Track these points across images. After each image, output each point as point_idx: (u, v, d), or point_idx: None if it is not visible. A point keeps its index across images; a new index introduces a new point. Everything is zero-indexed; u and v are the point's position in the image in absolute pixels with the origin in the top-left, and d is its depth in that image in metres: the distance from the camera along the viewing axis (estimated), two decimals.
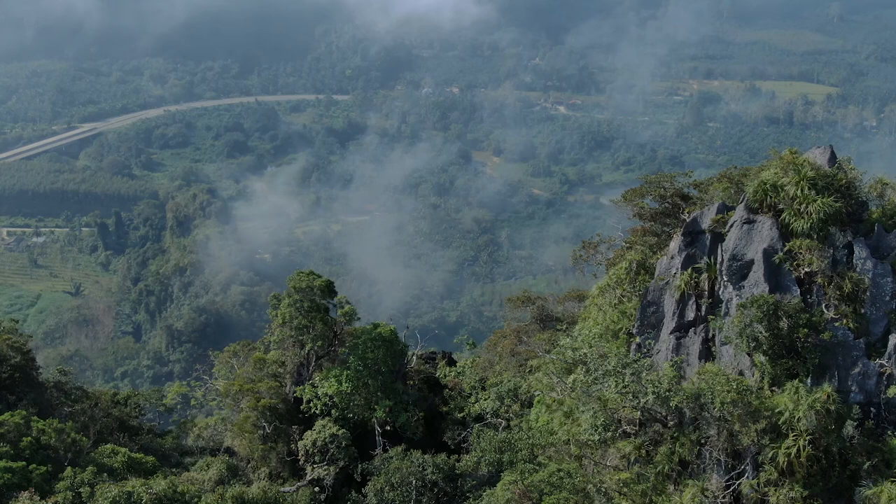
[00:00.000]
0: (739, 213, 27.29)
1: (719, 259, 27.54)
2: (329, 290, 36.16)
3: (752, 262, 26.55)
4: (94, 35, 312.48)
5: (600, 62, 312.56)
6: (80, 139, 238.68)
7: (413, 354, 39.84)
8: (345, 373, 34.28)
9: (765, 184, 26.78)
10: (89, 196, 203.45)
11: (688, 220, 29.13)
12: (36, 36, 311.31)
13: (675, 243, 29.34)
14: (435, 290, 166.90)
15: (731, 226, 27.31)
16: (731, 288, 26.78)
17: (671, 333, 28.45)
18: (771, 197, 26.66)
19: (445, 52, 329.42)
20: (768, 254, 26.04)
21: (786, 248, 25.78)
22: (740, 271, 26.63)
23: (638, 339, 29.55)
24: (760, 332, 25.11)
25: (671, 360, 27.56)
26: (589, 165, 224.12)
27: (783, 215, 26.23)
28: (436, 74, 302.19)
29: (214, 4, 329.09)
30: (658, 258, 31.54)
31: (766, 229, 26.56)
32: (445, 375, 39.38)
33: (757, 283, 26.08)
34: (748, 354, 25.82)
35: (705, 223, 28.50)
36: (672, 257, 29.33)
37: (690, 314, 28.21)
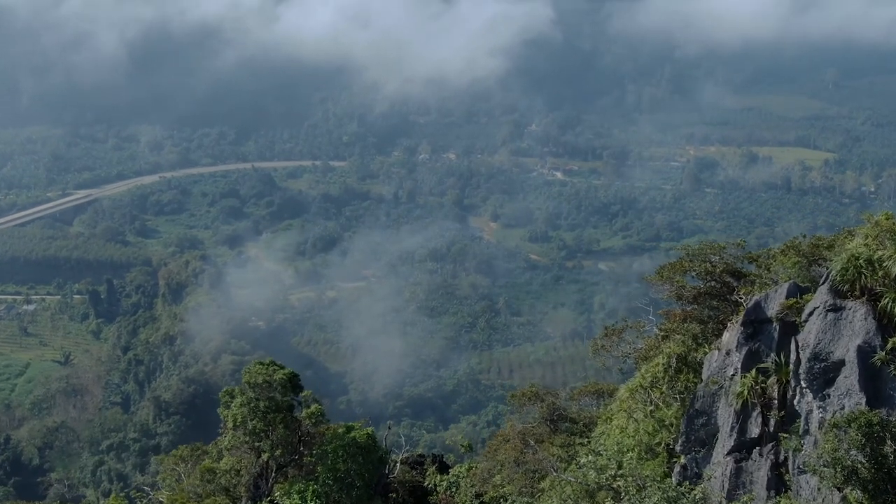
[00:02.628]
0: (822, 296, 20.33)
1: (793, 357, 20.76)
2: (293, 384, 31.67)
3: (841, 362, 19.54)
4: (92, 102, 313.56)
5: (597, 128, 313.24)
6: (74, 206, 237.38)
7: (396, 462, 34.22)
8: (311, 487, 29.29)
9: (856, 258, 19.87)
10: (82, 263, 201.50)
11: (748, 306, 22.35)
12: (33, 102, 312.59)
13: (733, 335, 22.60)
14: (431, 358, 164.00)
15: (811, 314, 20.52)
16: (811, 397, 19.94)
17: (728, 455, 21.62)
18: (865, 276, 19.69)
19: (443, 118, 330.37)
20: (864, 352, 18.96)
21: (889, 346, 18.62)
22: (824, 375, 19.69)
23: (683, 460, 22.90)
24: (860, 462, 18.07)
25: (730, 493, 21.01)
26: (587, 231, 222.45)
27: (883, 301, 19.16)
28: (433, 141, 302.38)
29: (213, 73, 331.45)
30: (705, 352, 25.07)
31: (859, 319, 19.60)
32: (436, 485, 33.00)
33: (849, 391, 19.16)
34: (838, 489, 18.64)
35: (772, 309, 21.80)
36: (728, 353, 22.63)
37: (754, 430, 21.43)
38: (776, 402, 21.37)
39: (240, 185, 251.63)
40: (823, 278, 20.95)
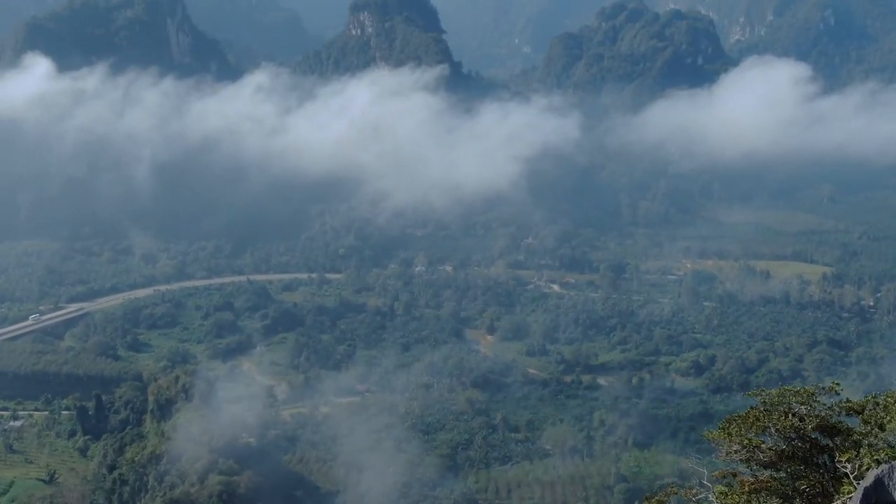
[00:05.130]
0: None
1: None
2: None
3: None
4: (89, 216, 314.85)
5: (593, 241, 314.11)
6: (66, 319, 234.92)
7: None
8: None
9: None
10: (71, 378, 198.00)
11: (867, 484, 16.31)
12: (30, 216, 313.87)
13: None
14: (427, 476, 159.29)
15: None
16: None
17: None
18: None
19: (439, 231, 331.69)
20: None
21: None
22: None
23: None
24: None
25: None
26: (585, 345, 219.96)
27: None
28: (429, 253, 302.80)
29: (212, 186, 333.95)
30: None
31: None
32: None
33: None
34: None
35: None
36: None
37: None
38: None
39: (234, 298, 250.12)
40: None
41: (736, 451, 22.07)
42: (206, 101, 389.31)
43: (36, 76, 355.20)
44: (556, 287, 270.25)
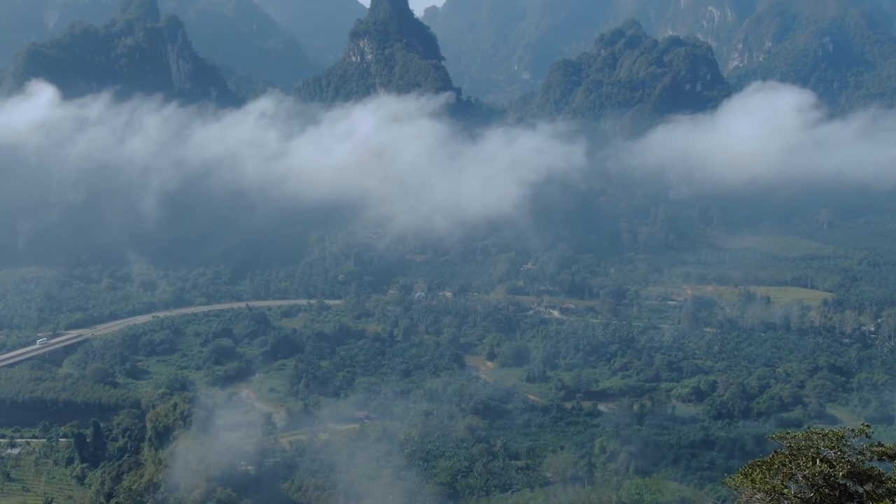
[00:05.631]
0: None
1: None
2: None
3: None
4: (88, 242, 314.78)
5: (593, 267, 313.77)
6: (65, 346, 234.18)
7: None
8: None
9: None
10: (69, 405, 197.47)
11: None
12: (29, 243, 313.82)
13: None
14: None
15: None
16: None
17: None
18: None
19: (438, 256, 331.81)
20: None
21: None
22: None
23: None
24: None
25: None
26: (585, 371, 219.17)
27: None
28: (429, 279, 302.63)
29: (211, 213, 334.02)
30: None
31: None
32: None
33: None
34: None
35: None
36: None
37: None
38: None
39: (234, 325, 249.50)
40: None
41: (759, 499, 20.49)
42: (206, 127, 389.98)
43: (36, 103, 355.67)
44: (556, 313, 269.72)
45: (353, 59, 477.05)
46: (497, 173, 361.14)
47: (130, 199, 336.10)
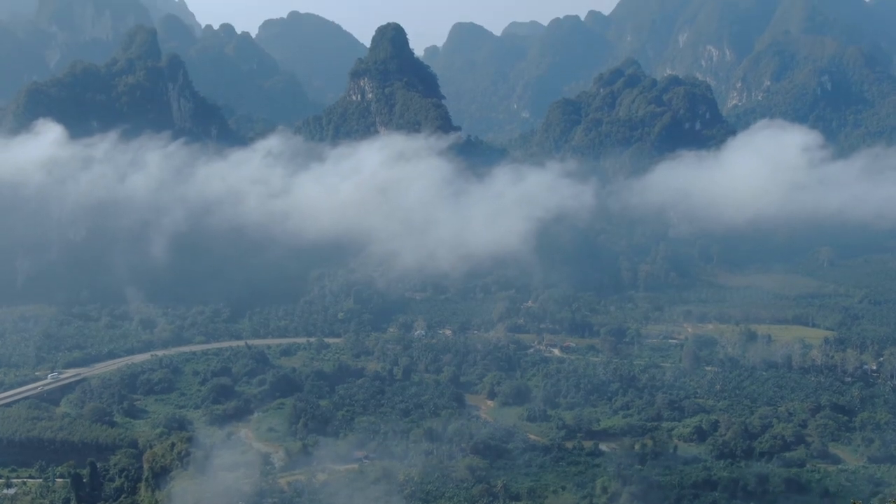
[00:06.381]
0: None
1: None
2: None
3: None
4: (88, 281, 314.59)
5: (593, 305, 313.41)
6: (62, 385, 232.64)
7: None
8: None
9: None
10: (67, 445, 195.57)
11: None
12: (28, 281, 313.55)
13: None
14: None
15: None
16: None
17: None
18: None
19: (438, 294, 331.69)
20: None
21: None
22: None
23: None
24: None
25: None
26: (586, 410, 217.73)
27: None
28: (429, 317, 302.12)
29: (210, 251, 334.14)
30: None
31: None
32: None
33: None
34: None
35: None
36: None
37: None
38: None
39: (232, 363, 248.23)
40: None
41: None
42: (206, 165, 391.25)
43: (37, 141, 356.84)
44: (556, 351, 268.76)
45: (354, 97, 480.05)
46: (498, 212, 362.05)
47: (130, 237, 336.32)
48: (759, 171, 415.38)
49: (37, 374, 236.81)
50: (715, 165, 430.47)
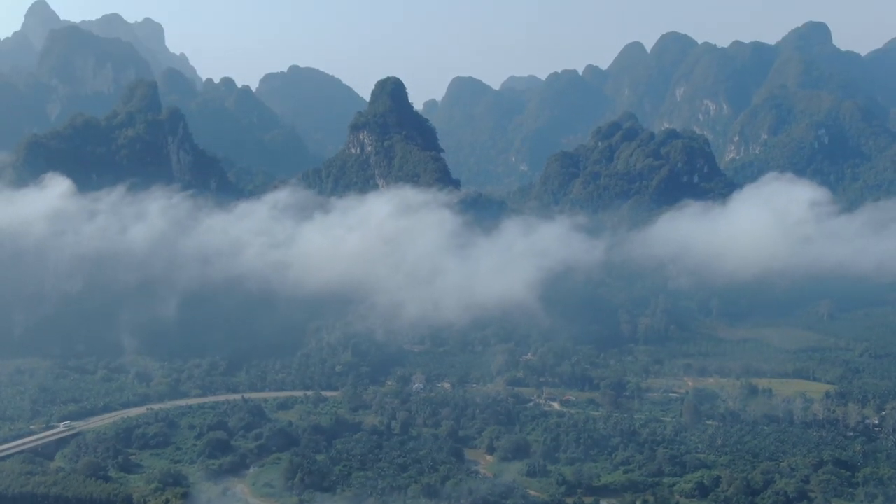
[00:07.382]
0: None
1: None
2: None
3: None
4: (84, 333, 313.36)
5: (593, 358, 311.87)
6: (57, 439, 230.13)
7: None
8: None
9: None
10: (60, 501, 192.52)
11: None
12: (24, 334, 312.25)
13: None
14: None
15: None
16: None
17: None
18: None
19: (437, 347, 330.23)
20: None
21: None
22: None
23: None
24: None
25: None
26: (586, 465, 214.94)
27: None
28: (427, 370, 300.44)
29: (207, 305, 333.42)
30: None
31: None
32: None
33: None
34: None
35: None
36: None
37: None
38: None
39: (229, 417, 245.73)
40: None
41: None
42: (205, 218, 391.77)
43: (35, 194, 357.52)
44: (556, 405, 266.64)
45: (353, 150, 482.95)
46: (499, 265, 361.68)
47: (127, 290, 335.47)
48: (762, 224, 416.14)
49: (31, 427, 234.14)
50: (716, 218, 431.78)
